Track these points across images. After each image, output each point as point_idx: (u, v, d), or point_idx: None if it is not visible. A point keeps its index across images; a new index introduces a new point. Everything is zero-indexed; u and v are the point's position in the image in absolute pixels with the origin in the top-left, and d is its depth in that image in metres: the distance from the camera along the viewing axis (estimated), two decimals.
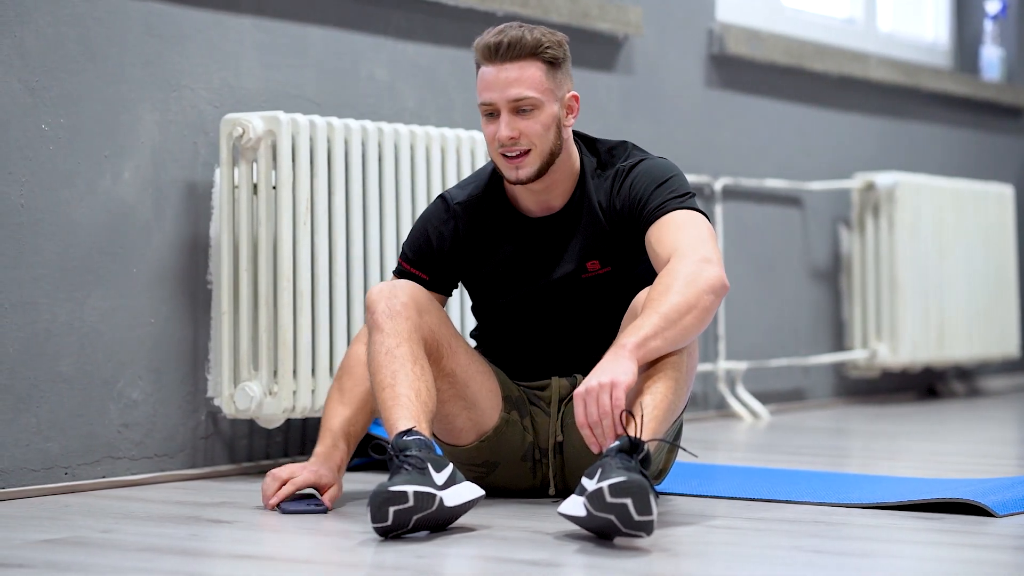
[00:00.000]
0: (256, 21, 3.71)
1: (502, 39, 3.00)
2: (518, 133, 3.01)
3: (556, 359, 3.20)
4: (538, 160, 3.04)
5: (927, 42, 6.30)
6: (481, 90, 3.03)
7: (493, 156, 3.07)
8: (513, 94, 3.00)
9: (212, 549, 2.75)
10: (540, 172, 3.05)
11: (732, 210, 5.16)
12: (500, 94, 3.00)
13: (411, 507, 2.68)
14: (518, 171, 3.04)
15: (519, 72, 3.00)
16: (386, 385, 2.93)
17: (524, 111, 3.01)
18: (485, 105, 3.03)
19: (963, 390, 6.15)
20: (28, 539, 2.75)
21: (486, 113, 3.04)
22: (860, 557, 2.60)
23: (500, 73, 3.00)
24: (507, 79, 3.00)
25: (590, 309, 3.15)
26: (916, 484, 3.31)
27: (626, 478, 2.58)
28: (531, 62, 3.01)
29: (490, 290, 3.19)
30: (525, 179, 3.05)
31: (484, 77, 3.02)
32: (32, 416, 3.27)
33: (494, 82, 3.01)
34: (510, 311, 3.19)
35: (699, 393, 5.02)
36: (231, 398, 3.53)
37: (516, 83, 3.00)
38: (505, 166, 3.05)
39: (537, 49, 3.01)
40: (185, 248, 3.57)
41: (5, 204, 3.24)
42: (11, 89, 3.25)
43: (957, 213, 5.76)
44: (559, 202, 3.13)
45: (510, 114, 3.01)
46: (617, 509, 2.58)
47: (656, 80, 4.91)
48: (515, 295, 3.17)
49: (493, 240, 3.16)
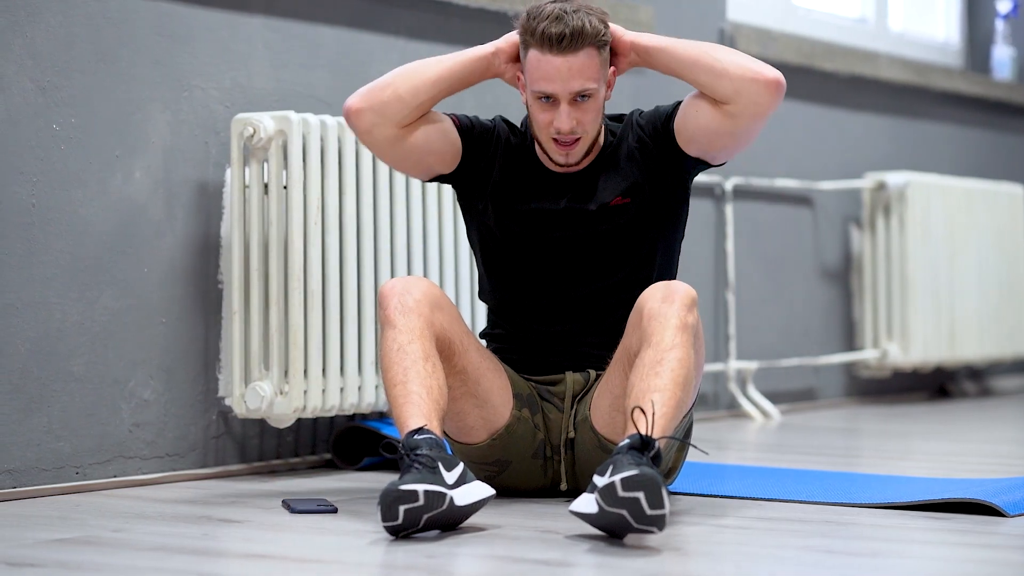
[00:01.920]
0: (267, 21, 3.71)
1: (565, 30, 3.01)
2: (576, 123, 3.06)
3: (568, 340, 3.19)
4: (586, 145, 3.13)
5: (938, 42, 6.29)
6: (539, 79, 3.04)
7: (541, 137, 3.12)
8: (576, 87, 3.04)
9: (223, 548, 2.76)
10: (585, 155, 3.14)
11: (743, 210, 5.15)
12: (563, 86, 3.04)
13: (421, 506, 2.68)
14: (568, 157, 3.12)
15: (581, 63, 3.03)
16: (397, 382, 2.93)
17: (581, 100, 3.06)
18: (543, 93, 3.05)
19: (974, 390, 6.15)
20: (39, 538, 2.76)
21: (540, 98, 3.06)
22: (870, 557, 2.60)
23: (563, 64, 3.03)
24: (570, 71, 3.03)
25: (604, 253, 3.17)
26: (927, 484, 3.31)
27: (639, 472, 2.59)
28: (590, 50, 3.05)
29: (504, 231, 3.20)
30: (573, 163, 3.13)
31: (544, 67, 3.03)
32: (43, 416, 3.28)
33: (556, 74, 3.03)
34: (524, 261, 3.20)
35: (710, 393, 5.02)
36: (242, 398, 3.53)
37: (579, 75, 3.03)
38: (555, 150, 3.11)
39: (596, 37, 3.05)
40: (196, 248, 3.57)
41: (16, 204, 3.25)
42: (22, 89, 3.26)
43: (968, 213, 5.75)
44: (583, 163, 3.19)
45: (569, 104, 3.05)
46: (629, 504, 2.58)
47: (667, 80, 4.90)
48: (529, 240, 3.19)
49: (514, 177, 3.20)
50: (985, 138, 6.31)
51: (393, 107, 3.13)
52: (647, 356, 2.89)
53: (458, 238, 3.88)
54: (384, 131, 3.14)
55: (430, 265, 3.82)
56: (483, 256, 3.25)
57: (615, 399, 3.05)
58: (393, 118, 3.13)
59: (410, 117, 3.14)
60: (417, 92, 3.13)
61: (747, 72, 3.05)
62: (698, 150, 3.15)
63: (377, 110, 3.13)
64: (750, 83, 3.04)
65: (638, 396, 2.84)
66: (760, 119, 3.08)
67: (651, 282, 3.16)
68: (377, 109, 3.13)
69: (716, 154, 3.16)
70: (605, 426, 3.09)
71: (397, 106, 3.13)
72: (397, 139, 3.15)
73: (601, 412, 3.10)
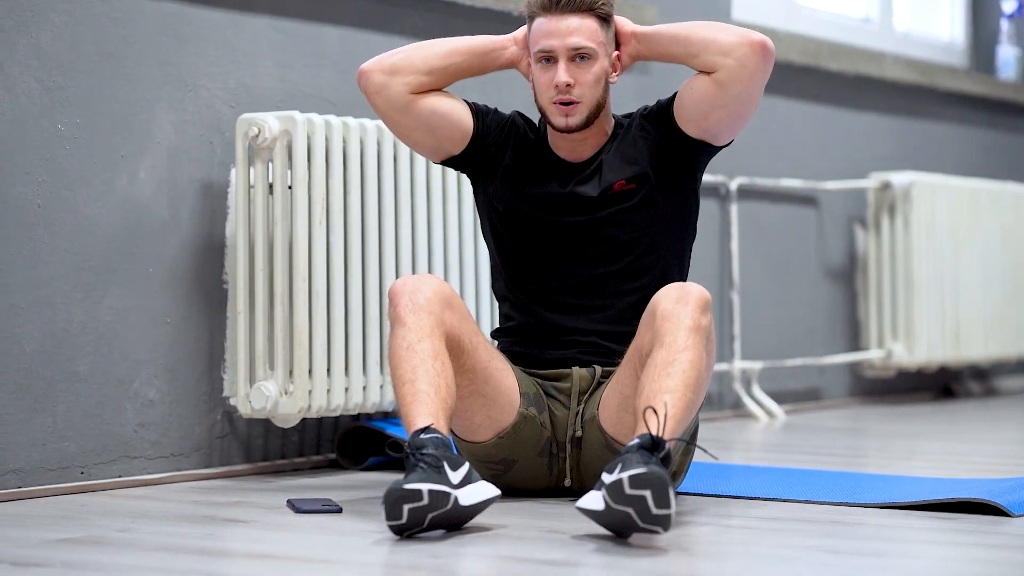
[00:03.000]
0: (272, 21, 3.72)
1: None
2: (573, 81, 3.12)
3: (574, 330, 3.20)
4: (586, 111, 3.16)
5: (943, 41, 6.29)
6: (539, 38, 3.14)
7: (544, 104, 3.17)
8: (573, 42, 3.12)
9: (228, 548, 2.76)
10: (587, 122, 3.17)
11: (747, 210, 5.15)
12: (560, 41, 3.12)
13: (426, 505, 2.68)
14: (567, 119, 3.16)
15: (579, 23, 3.13)
16: (406, 380, 2.93)
17: (581, 59, 3.13)
18: (543, 52, 3.14)
19: (979, 390, 6.14)
20: (44, 538, 2.76)
21: (542, 59, 3.14)
22: (876, 557, 2.60)
23: (560, 23, 3.13)
24: (567, 28, 3.13)
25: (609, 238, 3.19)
26: (932, 484, 3.31)
27: (646, 470, 2.59)
28: (588, 16, 3.14)
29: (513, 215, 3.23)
30: (574, 127, 3.16)
31: (543, 27, 3.14)
32: (48, 416, 3.28)
33: (554, 31, 3.13)
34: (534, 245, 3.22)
35: (714, 393, 5.01)
36: (247, 397, 3.53)
37: (576, 32, 3.13)
38: (555, 112, 3.16)
39: (594, 5, 3.14)
40: (201, 248, 3.57)
41: (22, 204, 3.25)
42: (28, 89, 3.26)
43: (973, 213, 5.75)
44: (589, 152, 3.23)
45: (568, 62, 3.13)
46: (636, 501, 2.58)
47: (672, 80, 4.89)
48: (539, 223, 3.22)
49: (528, 164, 3.24)
50: (990, 138, 6.31)
51: (404, 68, 3.21)
52: (659, 357, 2.90)
53: (463, 238, 3.88)
54: (393, 92, 3.20)
55: (435, 265, 3.81)
56: (494, 240, 3.28)
57: (624, 399, 3.05)
58: (403, 79, 3.20)
59: (421, 83, 3.21)
60: (428, 59, 3.22)
61: (734, 35, 3.14)
62: (696, 128, 3.19)
63: (387, 71, 3.21)
64: (736, 46, 3.12)
65: (649, 396, 2.84)
66: (749, 84, 3.13)
67: (656, 273, 3.19)
68: (386, 70, 3.21)
69: (714, 131, 3.20)
70: (613, 426, 3.10)
71: (408, 68, 3.21)
72: (407, 104, 3.21)
73: (610, 412, 3.10)
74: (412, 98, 3.21)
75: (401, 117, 3.23)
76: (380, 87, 3.21)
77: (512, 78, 4.01)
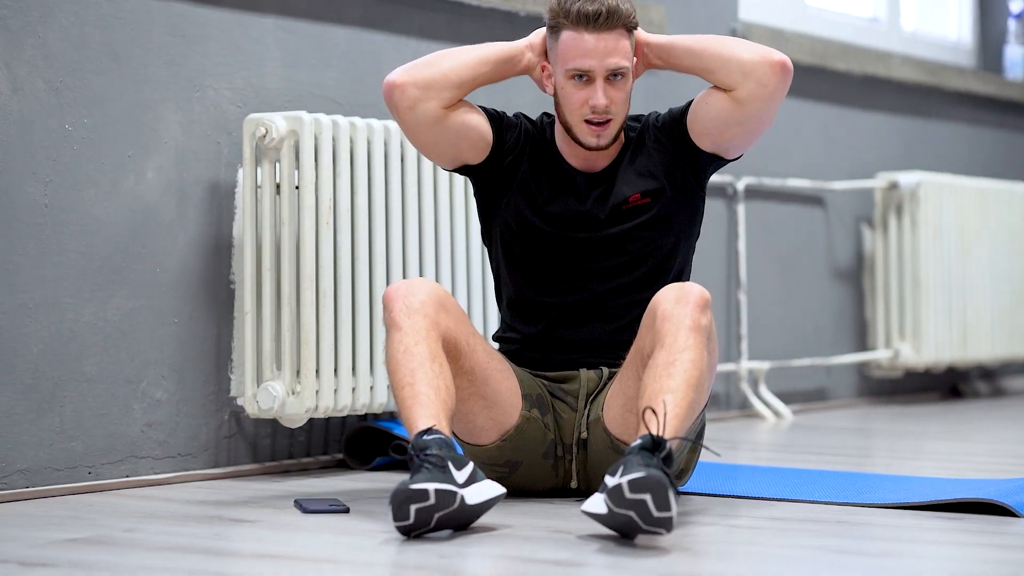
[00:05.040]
0: (279, 21, 3.72)
1: (601, 8, 3.07)
2: (610, 100, 3.09)
3: (585, 343, 3.19)
4: (616, 128, 3.14)
5: (951, 41, 6.29)
6: (575, 56, 3.07)
7: (572, 120, 3.12)
8: (612, 63, 3.08)
9: (235, 548, 2.76)
10: (614, 140, 3.15)
11: (755, 210, 5.15)
12: (600, 62, 3.07)
13: (432, 505, 2.68)
14: (599, 138, 3.13)
15: (616, 41, 3.09)
16: (405, 384, 2.93)
17: (615, 78, 3.10)
18: (579, 71, 3.08)
19: (986, 390, 6.14)
20: (52, 538, 2.76)
21: (575, 76, 3.09)
22: (883, 557, 2.60)
23: (599, 42, 3.07)
24: (606, 48, 3.07)
25: (625, 251, 3.18)
26: (939, 484, 3.30)
27: (645, 474, 2.59)
28: (623, 32, 3.10)
29: (523, 229, 3.20)
30: (604, 146, 3.14)
31: (580, 44, 3.07)
32: (56, 416, 3.28)
33: (593, 50, 3.07)
34: (543, 259, 3.20)
35: (721, 393, 5.01)
36: (254, 398, 3.53)
37: (614, 52, 3.08)
38: (586, 131, 3.12)
39: (628, 19, 3.11)
40: (208, 248, 3.57)
41: (29, 204, 3.25)
42: (35, 89, 3.26)
43: (981, 213, 5.74)
44: (604, 163, 3.20)
45: (605, 82, 3.09)
46: (636, 505, 2.59)
47: (679, 80, 4.89)
48: (549, 238, 3.19)
49: (542, 175, 3.21)
50: (997, 138, 6.30)
51: (439, 84, 3.13)
52: (660, 357, 2.89)
53: (469, 238, 3.88)
54: (427, 108, 3.12)
55: (441, 265, 3.82)
56: (504, 252, 3.25)
57: (628, 400, 3.05)
58: (438, 95, 3.12)
59: (453, 97, 3.14)
60: (460, 71, 3.15)
61: (754, 54, 3.11)
62: (711, 143, 3.17)
63: (422, 86, 3.12)
64: (757, 64, 3.09)
65: (650, 397, 2.84)
66: (768, 103, 3.10)
67: (668, 280, 3.18)
68: (422, 85, 3.12)
69: (728, 146, 3.18)
70: (617, 427, 3.09)
71: (442, 83, 3.13)
72: (438, 119, 3.14)
73: (613, 413, 3.10)
74: (445, 113, 3.14)
75: (430, 131, 3.15)
76: (414, 102, 3.11)
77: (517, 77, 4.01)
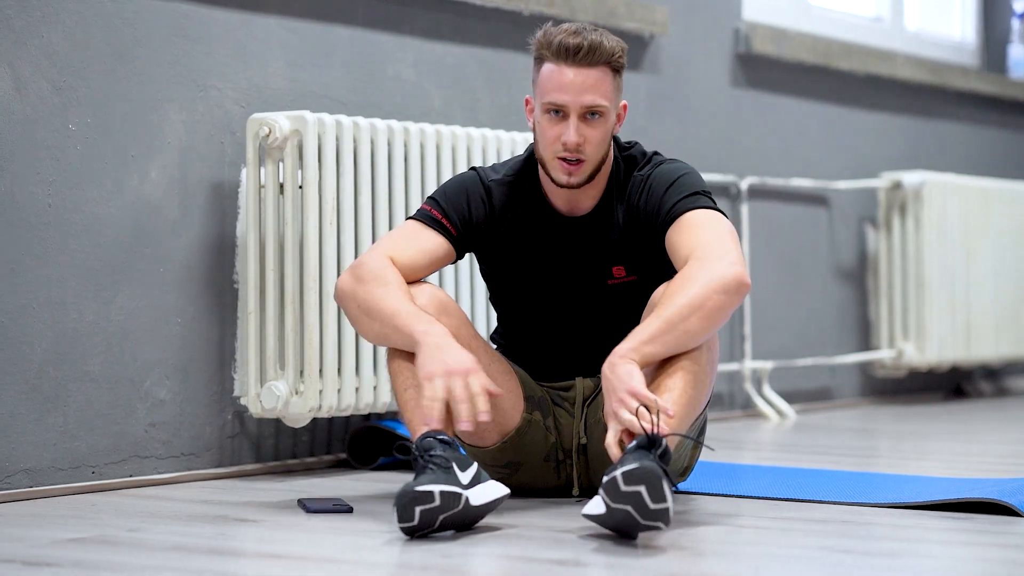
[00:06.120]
0: (283, 21, 3.72)
1: (582, 42, 2.97)
2: (583, 139, 3.00)
3: (580, 360, 3.20)
4: (590, 168, 3.03)
5: (954, 41, 6.28)
6: (551, 89, 2.99)
7: (546, 156, 3.04)
8: (588, 101, 2.98)
9: (238, 548, 2.76)
10: (588, 179, 3.05)
11: (758, 209, 5.15)
12: (575, 98, 2.98)
13: (437, 506, 2.68)
14: (570, 177, 3.03)
15: (596, 79, 2.98)
16: (408, 386, 2.93)
17: (591, 117, 3.00)
18: (553, 105, 2.99)
19: (990, 390, 6.13)
20: (55, 538, 2.76)
21: (550, 111, 3.00)
22: (887, 557, 2.60)
23: (577, 77, 2.97)
24: (584, 84, 2.97)
25: (615, 314, 3.14)
26: (943, 484, 3.30)
27: (639, 465, 2.59)
28: (605, 70, 3.00)
29: (512, 284, 3.19)
30: (575, 184, 3.04)
31: (558, 78, 2.98)
32: (59, 415, 3.28)
33: (570, 85, 2.97)
34: (533, 311, 3.19)
35: (725, 393, 5.01)
36: (258, 397, 3.53)
37: (592, 90, 2.98)
38: (558, 169, 3.03)
39: (612, 57, 3.00)
40: (212, 248, 3.57)
41: (33, 203, 3.25)
42: (39, 89, 3.26)
43: (984, 212, 5.74)
44: (589, 204, 3.13)
45: (579, 119, 2.99)
46: (632, 498, 2.58)
47: (682, 79, 4.91)
48: (539, 296, 3.17)
49: (520, 231, 3.14)
50: (1001, 137, 6.30)
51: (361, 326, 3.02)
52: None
53: None
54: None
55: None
56: (493, 295, 3.26)
57: None
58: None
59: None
60: (377, 337, 3.00)
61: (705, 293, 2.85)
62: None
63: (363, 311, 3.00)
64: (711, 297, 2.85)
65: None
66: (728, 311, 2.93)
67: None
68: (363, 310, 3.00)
69: None
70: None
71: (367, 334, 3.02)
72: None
73: None
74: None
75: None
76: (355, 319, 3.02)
77: (520, 78, 4.01)
